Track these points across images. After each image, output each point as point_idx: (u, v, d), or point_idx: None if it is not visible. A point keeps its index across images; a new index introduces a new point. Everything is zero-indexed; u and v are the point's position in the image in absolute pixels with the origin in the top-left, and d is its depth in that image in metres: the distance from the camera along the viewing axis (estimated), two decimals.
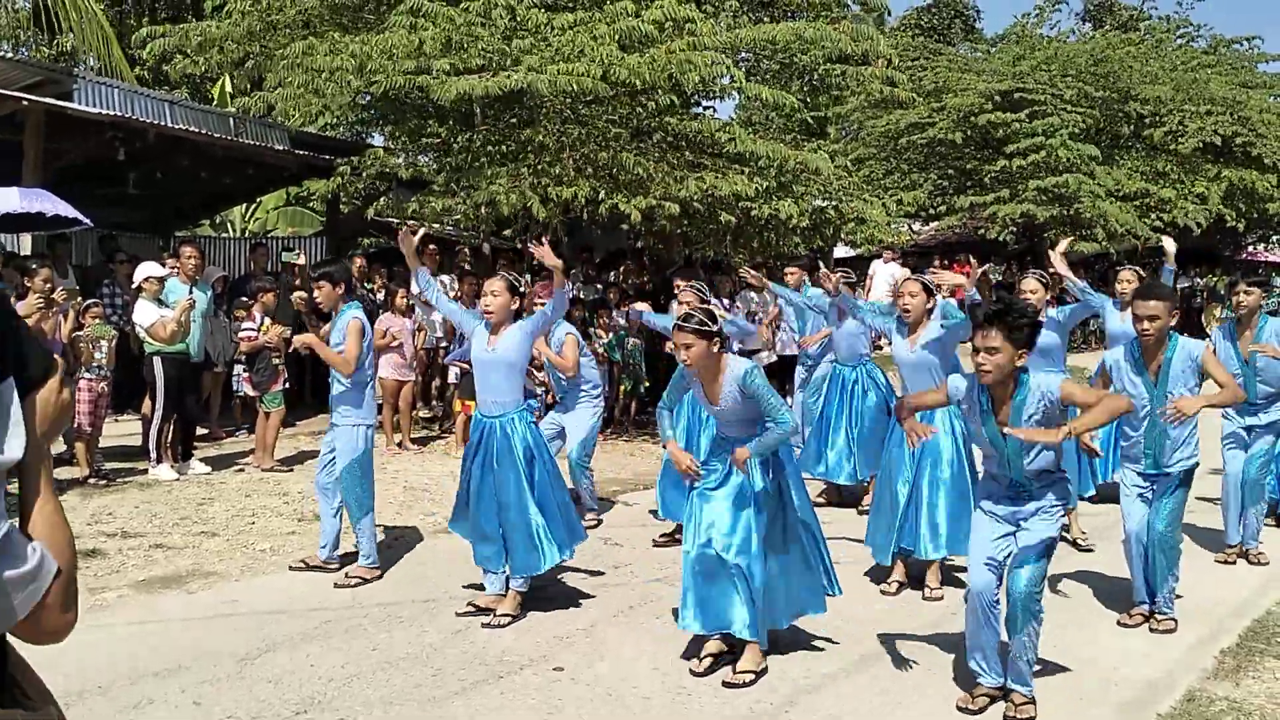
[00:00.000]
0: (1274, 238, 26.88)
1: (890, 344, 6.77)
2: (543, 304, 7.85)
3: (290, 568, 6.74)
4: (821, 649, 5.52)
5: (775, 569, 5.24)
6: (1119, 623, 6.01)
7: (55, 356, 1.87)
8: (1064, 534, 7.26)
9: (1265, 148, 21.20)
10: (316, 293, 6.74)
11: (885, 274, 17.23)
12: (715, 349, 5.08)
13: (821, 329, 9.20)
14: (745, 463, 5.06)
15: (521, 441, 5.91)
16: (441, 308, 6.70)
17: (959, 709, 4.78)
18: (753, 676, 5.08)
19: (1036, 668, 4.79)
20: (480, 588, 6.14)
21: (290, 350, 9.41)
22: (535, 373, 8.70)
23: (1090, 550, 7.47)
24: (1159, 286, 6.03)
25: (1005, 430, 4.55)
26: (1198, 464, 5.94)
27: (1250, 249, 28.06)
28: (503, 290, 6.09)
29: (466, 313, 6.51)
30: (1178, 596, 5.99)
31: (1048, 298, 7.71)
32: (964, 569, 6.78)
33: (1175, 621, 5.90)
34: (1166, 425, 5.72)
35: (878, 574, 6.71)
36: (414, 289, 11.85)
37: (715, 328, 5.09)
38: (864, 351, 8.54)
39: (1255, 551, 7.32)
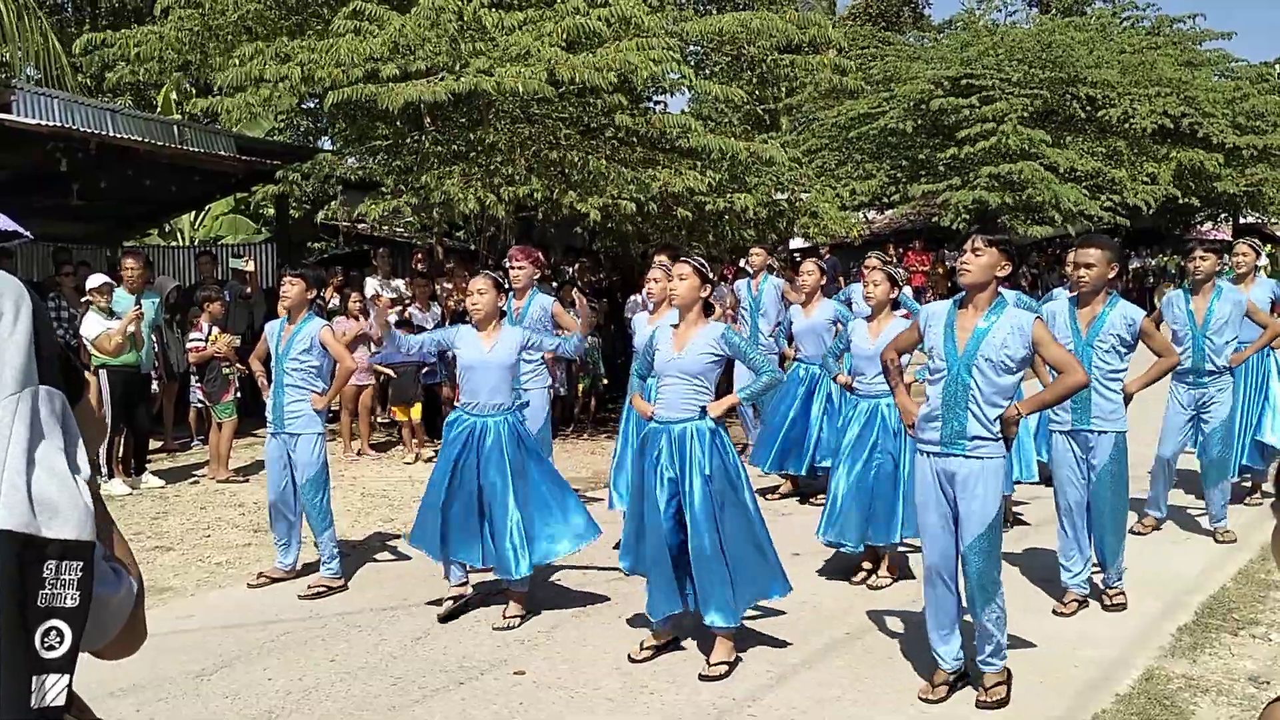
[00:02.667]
0: (1222, 215, 27.19)
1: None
2: (521, 268, 7.68)
3: (250, 585, 6.58)
4: (785, 640, 5.51)
5: (732, 553, 5.17)
6: (1054, 612, 5.93)
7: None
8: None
9: (1212, 127, 21.44)
10: (288, 286, 6.57)
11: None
12: (703, 294, 5.22)
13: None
14: (721, 411, 5.12)
15: (512, 440, 5.82)
16: (425, 347, 6.46)
17: (921, 699, 4.78)
18: (727, 668, 5.07)
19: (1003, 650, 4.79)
20: (437, 602, 6.06)
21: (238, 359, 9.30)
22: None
23: (1025, 524, 7.51)
24: (1101, 237, 6.09)
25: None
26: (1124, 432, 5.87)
27: (1200, 227, 28.38)
28: (489, 288, 5.96)
29: (443, 331, 6.36)
30: (1125, 569, 6.02)
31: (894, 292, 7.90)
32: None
33: (1125, 595, 5.92)
34: (1092, 382, 5.68)
35: (838, 564, 6.71)
36: (369, 290, 11.79)
37: (710, 275, 5.30)
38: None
39: (1222, 530, 7.31)
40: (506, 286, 6.26)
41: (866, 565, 6.56)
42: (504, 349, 5.87)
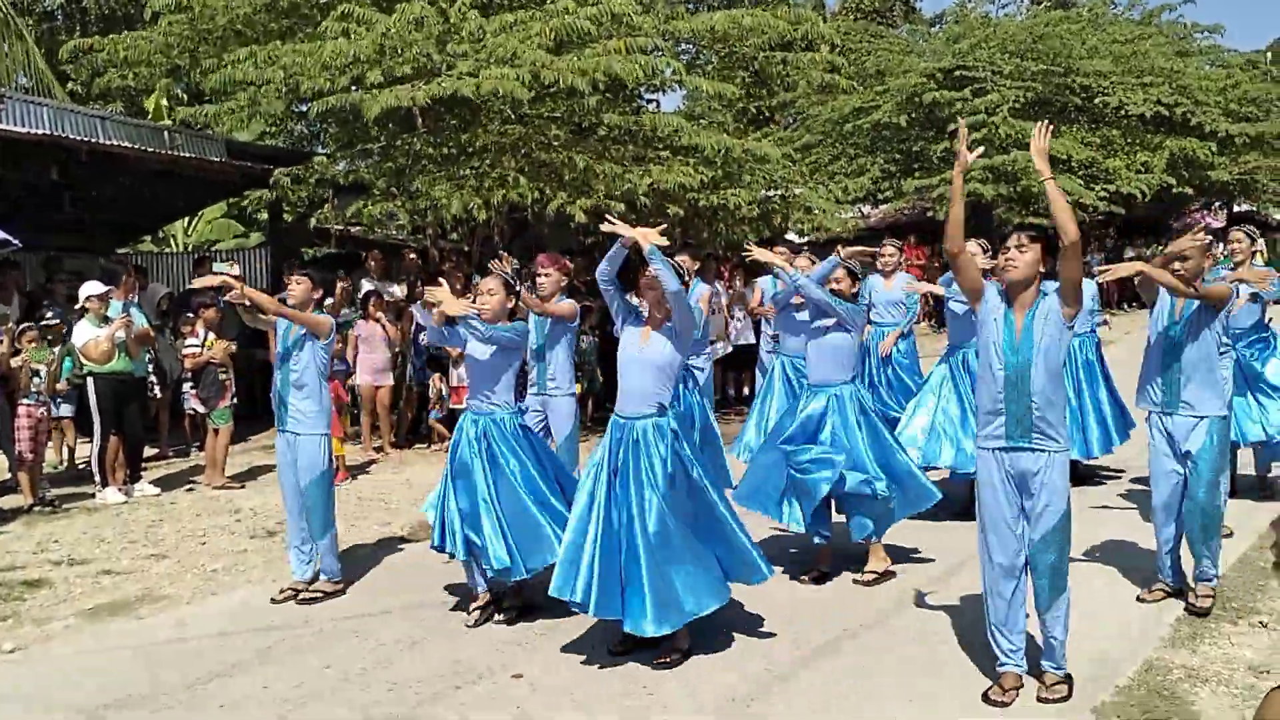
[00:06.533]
0: (1216, 204, 27.14)
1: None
2: (547, 274, 7.60)
3: (273, 600, 6.41)
4: (786, 640, 5.49)
5: (696, 547, 5.20)
6: (1138, 598, 5.92)
7: None
8: None
9: (1205, 115, 21.42)
10: (294, 286, 6.53)
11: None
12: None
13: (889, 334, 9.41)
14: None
15: (515, 436, 5.84)
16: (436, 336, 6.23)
17: (987, 700, 4.68)
18: (680, 655, 5.20)
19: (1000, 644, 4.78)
20: (464, 598, 6.04)
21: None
22: None
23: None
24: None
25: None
26: (1226, 417, 5.75)
27: (1195, 215, 28.34)
28: (499, 289, 5.98)
29: (453, 330, 6.19)
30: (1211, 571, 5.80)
31: (988, 262, 7.74)
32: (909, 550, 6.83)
33: (1212, 597, 5.75)
34: (1182, 360, 5.64)
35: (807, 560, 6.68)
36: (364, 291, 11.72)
37: (686, 276, 5.43)
38: None
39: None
40: (516, 288, 6.22)
41: (822, 567, 6.58)
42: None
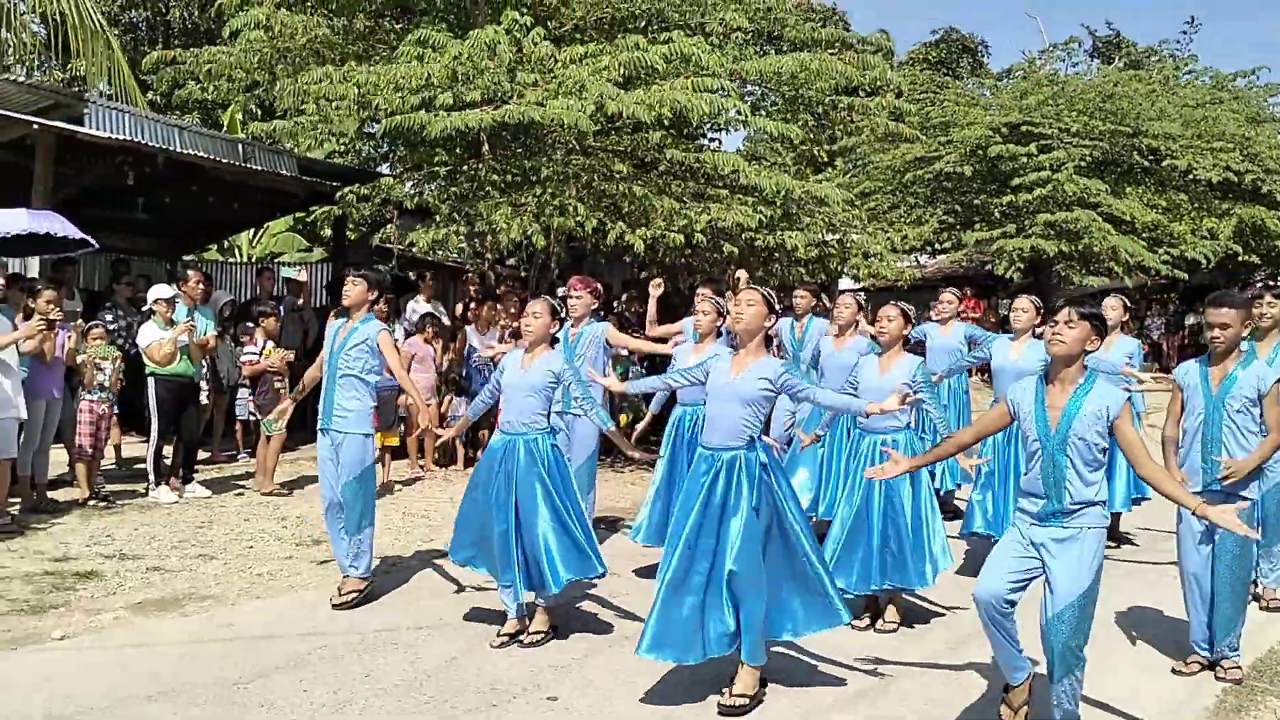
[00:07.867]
0: None
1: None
2: (579, 297, 7.75)
3: (335, 606, 6.50)
4: (813, 682, 5.47)
5: (770, 583, 5.14)
6: (1173, 670, 5.82)
7: None
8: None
9: (1275, 184, 21.13)
10: (350, 286, 6.68)
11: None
12: (767, 324, 5.28)
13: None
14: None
15: (544, 459, 5.89)
16: (491, 393, 6.41)
17: None
18: (748, 700, 5.04)
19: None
20: (502, 616, 6.05)
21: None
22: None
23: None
24: (1232, 294, 5.76)
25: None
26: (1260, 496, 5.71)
27: (1259, 284, 27.94)
28: (545, 313, 6.05)
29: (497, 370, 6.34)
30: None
31: (1037, 319, 7.67)
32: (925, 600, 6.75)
33: (1241, 669, 5.71)
34: (1219, 435, 5.57)
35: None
36: (415, 312, 11.87)
37: (777, 307, 5.36)
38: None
39: (1272, 595, 6.95)
40: (563, 315, 6.28)
41: (869, 613, 6.48)
42: (538, 372, 5.96)
